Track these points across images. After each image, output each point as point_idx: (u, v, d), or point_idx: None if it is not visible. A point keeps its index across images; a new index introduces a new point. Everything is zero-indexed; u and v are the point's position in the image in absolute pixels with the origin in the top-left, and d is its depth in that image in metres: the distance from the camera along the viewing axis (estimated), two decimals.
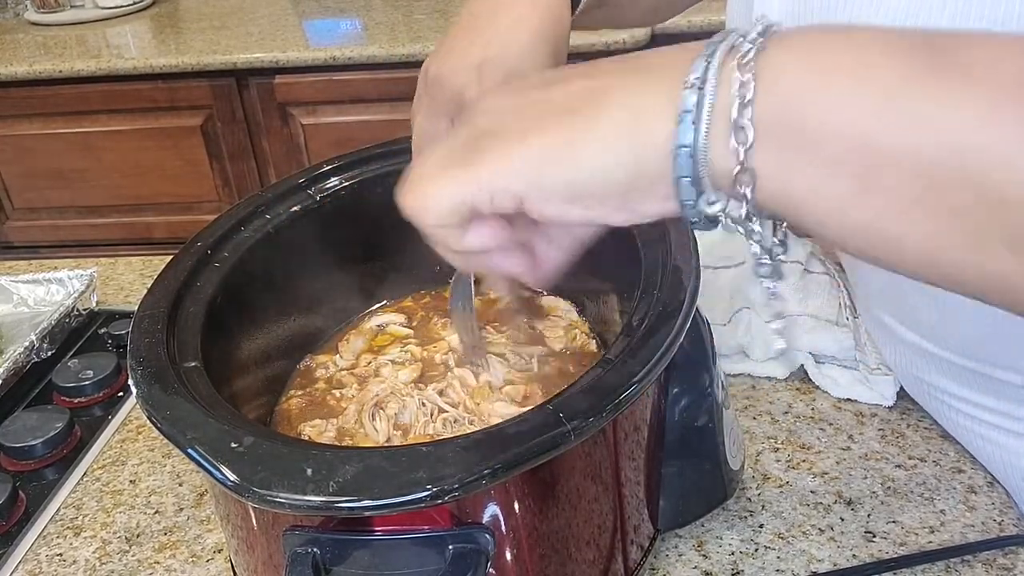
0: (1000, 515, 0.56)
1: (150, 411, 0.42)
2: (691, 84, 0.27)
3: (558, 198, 0.30)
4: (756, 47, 0.26)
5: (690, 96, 0.26)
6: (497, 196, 0.30)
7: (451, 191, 0.31)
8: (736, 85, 0.26)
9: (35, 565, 0.60)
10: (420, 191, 0.32)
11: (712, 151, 0.27)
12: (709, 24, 1.59)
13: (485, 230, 0.32)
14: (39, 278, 0.87)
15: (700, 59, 0.27)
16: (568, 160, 0.29)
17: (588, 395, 0.40)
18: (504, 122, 0.31)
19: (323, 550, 0.40)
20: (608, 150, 0.28)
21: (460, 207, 0.31)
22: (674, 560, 0.55)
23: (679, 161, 0.27)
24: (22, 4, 2.15)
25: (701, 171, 0.27)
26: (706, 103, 0.26)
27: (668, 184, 0.28)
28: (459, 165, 0.31)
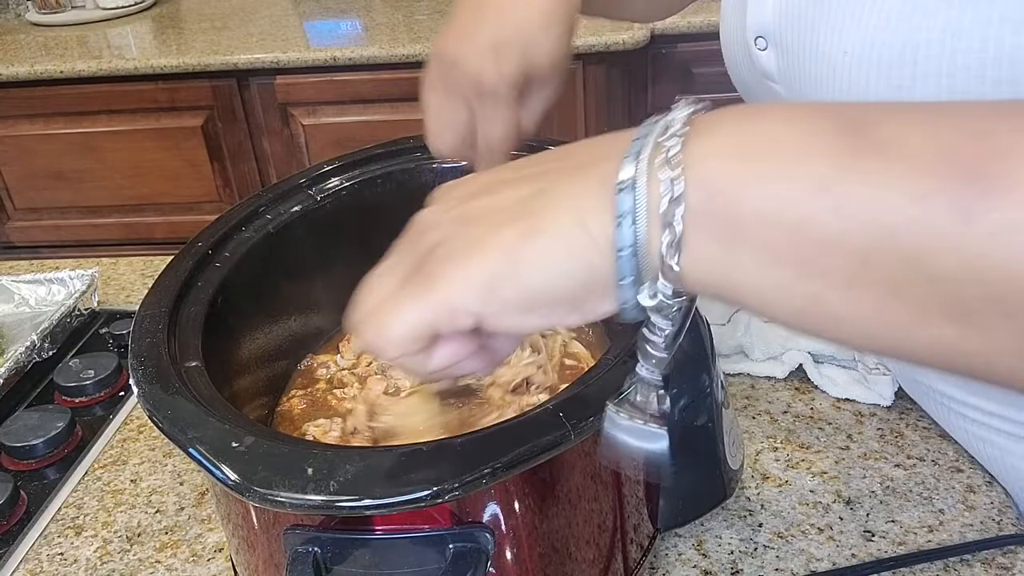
0: (999, 514, 0.57)
1: (151, 410, 0.42)
2: (622, 186, 0.27)
3: (513, 312, 0.30)
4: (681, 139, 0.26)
5: (624, 199, 0.27)
6: (455, 318, 0.30)
7: (408, 320, 0.31)
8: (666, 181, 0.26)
9: (36, 564, 0.60)
10: (377, 323, 0.32)
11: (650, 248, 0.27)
12: (709, 24, 1.59)
13: (451, 349, 0.32)
14: (40, 278, 0.87)
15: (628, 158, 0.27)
16: (518, 274, 0.29)
17: (588, 395, 0.40)
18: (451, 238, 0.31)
19: (324, 549, 0.41)
20: (556, 259, 0.28)
21: (420, 334, 0.31)
22: (674, 559, 0.55)
23: (621, 264, 0.27)
24: (23, 5, 2.15)
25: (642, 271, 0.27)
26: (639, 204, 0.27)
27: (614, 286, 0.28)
28: (412, 292, 0.31)
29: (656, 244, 0.27)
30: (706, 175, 0.26)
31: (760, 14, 0.53)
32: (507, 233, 0.29)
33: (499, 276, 0.29)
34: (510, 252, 0.29)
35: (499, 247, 0.29)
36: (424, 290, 0.30)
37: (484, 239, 0.29)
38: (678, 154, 0.26)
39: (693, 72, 1.70)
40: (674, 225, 0.26)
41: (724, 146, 0.26)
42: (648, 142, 0.27)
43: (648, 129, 0.28)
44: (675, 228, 0.26)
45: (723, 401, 0.53)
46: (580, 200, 0.28)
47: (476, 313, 0.30)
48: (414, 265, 0.32)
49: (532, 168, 0.32)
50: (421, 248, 0.32)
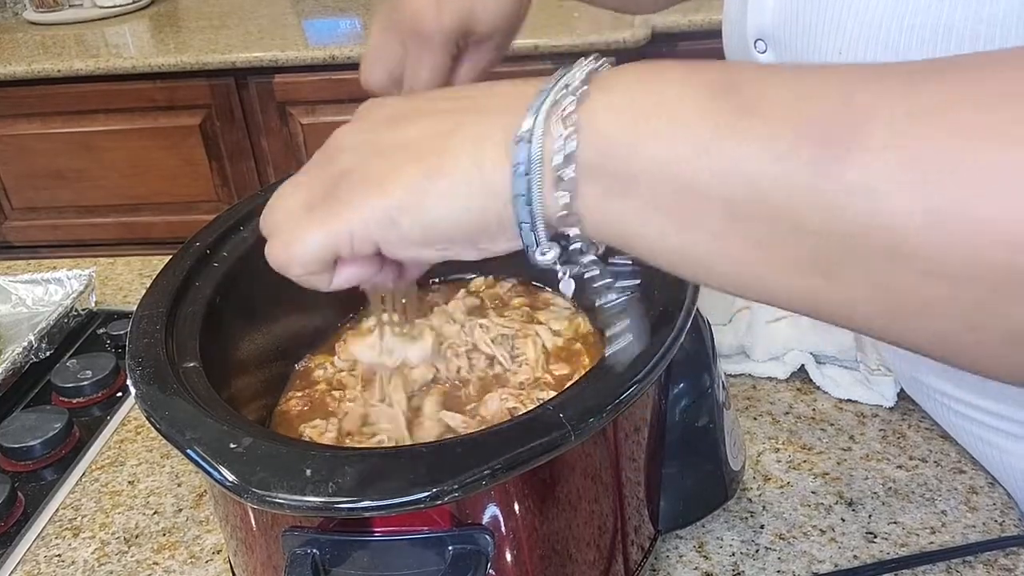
0: (1001, 515, 0.56)
1: (149, 411, 0.42)
2: (520, 138, 0.28)
3: (412, 244, 0.32)
4: (578, 97, 0.28)
5: (521, 150, 0.28)
6: (356, 244, 0.32)
7: (312, 243, 0.32)
8: (560, 138, 0.28)
9: (33, 566, 0.60)
10: (283, 242, 0.33)
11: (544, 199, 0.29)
12: (710, 23, 1.59)
13: (351, 271, 0.34)
14: (38, 278, 0.87)
15: (530, 111, 0.29)
16: (418, 210, 0.30)
17: (588, 395, 0.40)
18: (360, 167, 0.32)
19: (322, 551, 0.40)
20: (455, 199, 0.30)
21: (323, 256, 0.33)
22: (675, 561, 0.55)
23: (517, 208, 0.29)
24: (20, 3, 2.15)
25: (537, 217, 0.29)
26: (534, 155, 0.28)
27: (512, 227, 0.30)
28: (318, 217, 0.32)
29: (549, 195, 0.29)
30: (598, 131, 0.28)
31: (759, 16, 0.54)
32: (411, 170, 0.31)
33: (400, 211, 0.31)
34: (412, 189, 0.30)
35: (402, 183, 0.31)
36: (329, 216, 0.32)
37: (390, 173, 0.31)
38: (573, 113, 0.28)
39: None
40: (565, 179, 0.28)
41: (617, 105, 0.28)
42: (548, 96, 0.29)
43: (552, 83, 0.29)
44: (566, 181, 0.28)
45: (724, 402, 0.52)
46: (483, 145, 0.30)
47: (376, 242, 0.32)
48: (324, 187, 0.33)
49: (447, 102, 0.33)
50: (333, 171, 0.33)
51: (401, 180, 0.31)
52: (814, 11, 0.49)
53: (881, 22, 0.45)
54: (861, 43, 0.46)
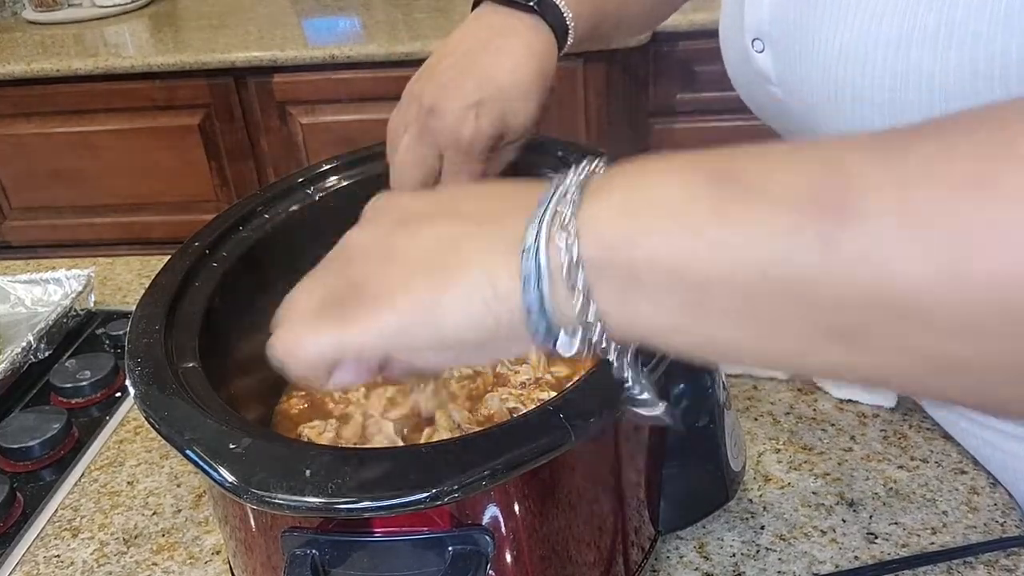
0: (1003, 516, 0.56)
1: (148, 412, 0.42)
2: (526, 251, 0.29)
3: (424, 354, 0.32)
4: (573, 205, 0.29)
5: (528, 263, 0.29)
6: (363, 355, 0.32)
7: (319, 349, 0.33)
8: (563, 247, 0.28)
9: (32, 566, 0.60)
10: (290, 341, 0.34)
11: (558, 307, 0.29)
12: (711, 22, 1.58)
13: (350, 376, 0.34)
14: (37, 278, 0.87)
15: (532, 224, 0.29)
16: (431, 324, 0.31)
17: (588, 395, 0.40)
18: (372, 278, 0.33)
19: (322, 551, 0.40)
20: (466, 313, 0.30)
21: (326, 362, 0.33)
22: (675, 562, 0.55)
23: (532, 318, 0.30)
24: (19, 3, 2.14)
25: (553, 324, 0.30)
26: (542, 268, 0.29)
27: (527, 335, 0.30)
28: (328, 325, 0.33)
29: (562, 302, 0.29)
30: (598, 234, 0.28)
31: (757, 15, 0.54)
32: (422, 285, 0.31)
33: (413, 324, 0.31)
34: (423, 304, 0.31)
35: (412, 299, 0.31)
36: (339, 326, 0.32)
37: (401, 287, 0.32)
38: (571, 220, 0.28)
39: (694, 70, 1.69)
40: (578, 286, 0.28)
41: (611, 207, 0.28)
42: (549, 207, 0.29)
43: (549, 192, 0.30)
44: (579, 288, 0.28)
45: (725, 402, 0.52)
46: (490, 257, 0.30)
47: (387, 353, 0.32)
48: (337, 293, 0.34)
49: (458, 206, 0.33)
50: (346, 277, 0.34)
51: (412, 295, 0.31)
52: (811, 10, 0.49)
53: (880, 20, 0.45)
54: (859, 42, 0.46)
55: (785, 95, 0.54)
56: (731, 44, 0.59)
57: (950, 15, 0.42)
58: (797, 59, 0.51)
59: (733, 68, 0.61)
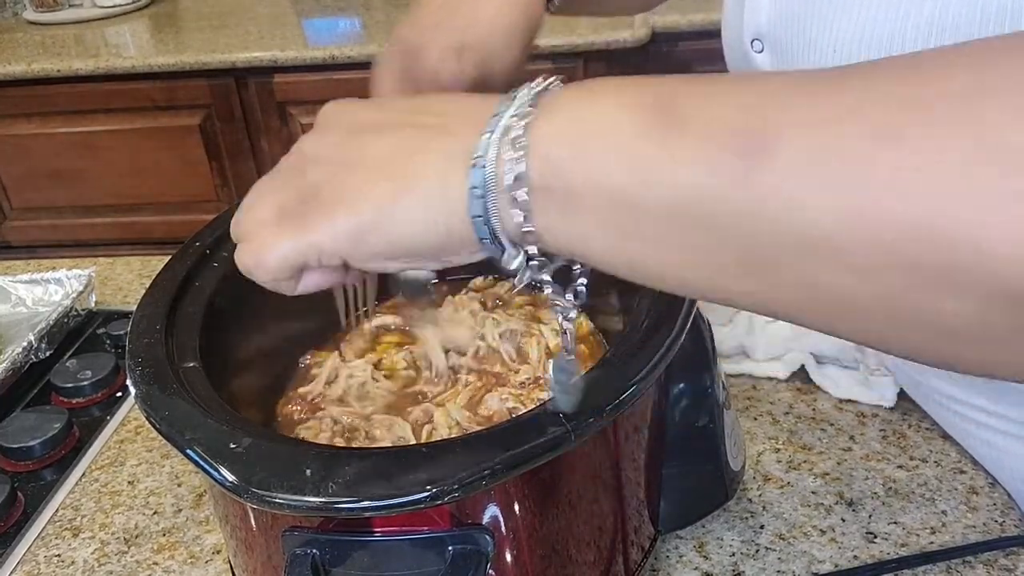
0: (1002, 516, 0.56)
1: (148, 411, 0.42)
2: (475, 162, 0.30)
3: (378, 258, 0.33)
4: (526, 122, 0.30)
5: (476, 173, 0.30)
6: (324, 257, 0.34)
7: (280, 253, 0.34)
8: (510, 162, 0.30)
9: (33, 566, 0.60)
10: (253, 251, 0.35)
11: (502, 218, 0.31)
12: (711, 22, 1.58)
13: (315, 278, 0.36)
14: (37, 278, 0.87)
15: (483, 136, 0.30)
16: (385, 227, 0.32)
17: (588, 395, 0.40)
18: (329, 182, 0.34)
19: (322, 551, 0.40)
20: (420, 217, 0.32)
21: (290, 265, 0.34)
22: (675, 561, 0.55)
23: (478, 228, 0.31)
24: (20, 3, 2.14)
25: (498, 234, 0.31)
26: (488, 179, 0.30)
27: (475, 243, 0.32)
28: (288, 230, 0.34)
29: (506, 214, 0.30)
30: (544, 153, 0.29)
31: (756, 16, 0.54)
32: (378, 188, 0.32)
33: (367, 228, 0.32)
34: (379, 207, 0.32)
35: (370, 201, 0.32)
36: (298, 230, 0.33)
37: (358, 190, 0.33)
38: (521, 136, 0.30)
39: (694, 70, 1.69)
40: (519, 200, 0.30)
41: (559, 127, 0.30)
42: (501, 121, 0.30)
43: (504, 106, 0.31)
44: (519, 202, 0.30)
45: (724, 402, 0.52)
46: (444, 166, 0.31)
47: (343, 256, 0.33)
48: (294, 198, 0.35)
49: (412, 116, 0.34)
50: (302, 182, 0.35)
51: (369, 198, 0.32)
52: (808, 10, 0.50)
53: (875, 20, 0.46)
54: (855, 41, 0.47)
55: None
56: (731, 44, 0.60)
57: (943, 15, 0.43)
58: (794, 59, 0.52)
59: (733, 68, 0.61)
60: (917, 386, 0.63)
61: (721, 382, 0.52)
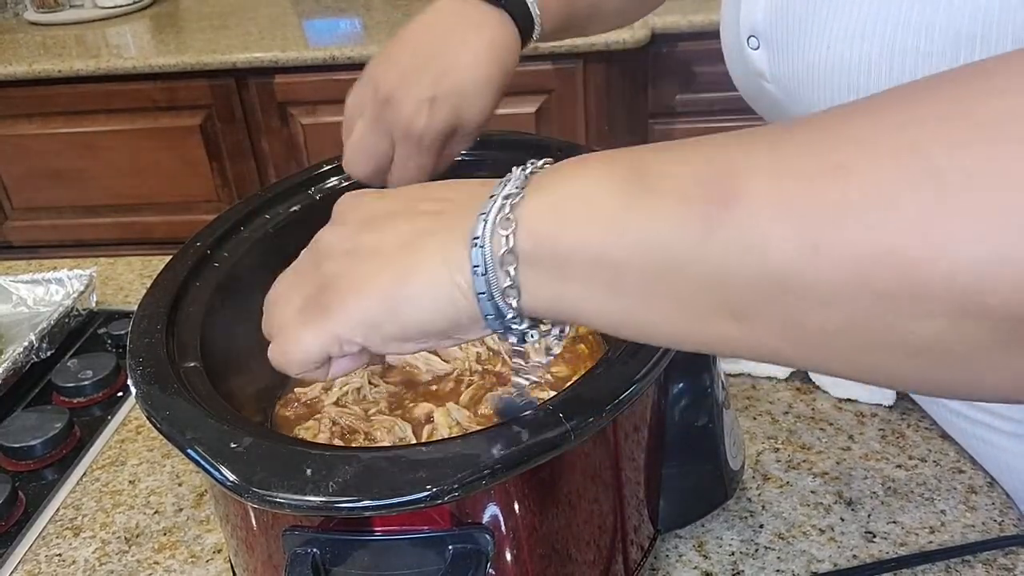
0: (1000, 515, 0.56)
1: (149, 411, 0.42)
2: (474, 243, 0.32)
3: (393, 341, 0.35)
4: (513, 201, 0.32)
5: (476, 253, 0.32)
6: (344, 345, 0.35)
7: (305, 347, 0.36)
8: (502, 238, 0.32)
9: (34, 565, 0.60)
10: (280, 346, 0.37)
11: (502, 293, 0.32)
12: (710, 23, 1.58)
13: (343, 365, 0.37)
14: (38, 278, 0.87)
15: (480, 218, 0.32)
16: (396, 316, 0.34)
17: (588, 395, 0.40)
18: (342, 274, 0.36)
19: (323, 550, 0.40)
20: (428, 300, 0.33)
21: (315, 358, 0.36)
22: (674, 560, 0.55)
23: (482, 304, 0.33)
24: (21, 4, 2.15)
25: (501, 308, 0.33)
26: (487, 257, 0.32)
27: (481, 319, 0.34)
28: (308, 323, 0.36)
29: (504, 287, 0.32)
30: (531, 227, 0.31)
31: (752, 13, 0.54)
32: (387, 277, 0.34)
33: (379, 316, 0.34)
34: (389, 296, 0.34)
35: (379, 289, 0.34)
36: (317, 323, 0.35)
37: (367, 280, 0.35)
38: (509, 214, 0.32)
39: (694, 71, 1.69)
40: (508, 271, 0.32)
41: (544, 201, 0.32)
42: (496, 202, 0.32)
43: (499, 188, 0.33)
44: (510, 273, 0.32)
45: (724, 401, 0.52)
46: (449, 250, 0.33)
47: (361, 343, 0.35)
48: (312, 291, 0.37)
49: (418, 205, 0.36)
50: (318, 276, 0.37)
51: (378, 286, 0.34)
52: (804, 7, 0.50)
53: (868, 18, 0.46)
54: (849, 39, 0.47)
55: (779, 91, 0.55)
56: (729, 41, 0.60)
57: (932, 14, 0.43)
58: (790, 56, 0.52)
59: (731, 65, 0.61)
60: None
61: (720, 382, 0.52)
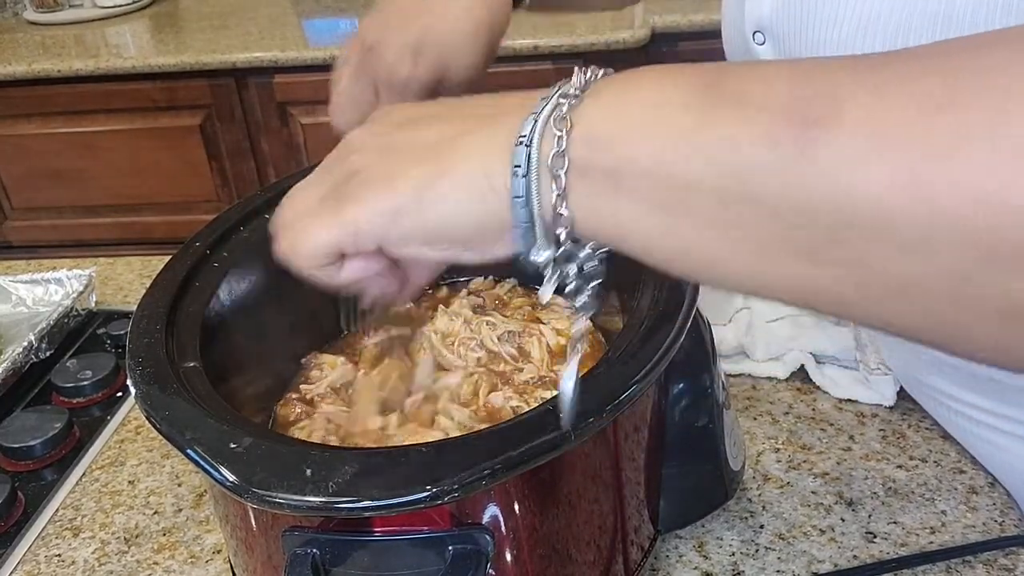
0: (1001, 516, 0.56)
1: (149, 411, 0.42)
2: (520, 141, 0.30)
3: (413, 243, 0.33)
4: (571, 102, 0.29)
5: (520, 152, 0.29)
6: (360, 240, 0.33)
7: (319, 237, 0.34)
8: (553, 139, 0.29)
9: (34, 566, 0.60)
10: (291, 237, 0.35)
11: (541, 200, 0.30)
12: (711, 23, 1.58)
13: (357, 265, 0.35)
14: (38, 278, 0.87)
15: (530, 116, 0.30)
16: (421, 211, 0.31)
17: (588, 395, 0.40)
18: (370, 166, 0.33)
19: (322, 551, 0.40)
20: (458, 200, 0.31)
21: (328, 251, 0.34)
22: (674, 561, 0.55)
23: (516, 211, 0.30)
24: (20, 3, 2.14)
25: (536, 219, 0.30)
26: (533, 158, 0.29)
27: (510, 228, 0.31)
28: (325, 213, 0.34)
29: (547, 195, 0.29)
30: (587, 132, 0.29)
31: (758, 7, 0.54)
32: (418, 170, 0.32)
33: (403, 209, 0.32)
34: (417, 188, 0.31)
35: (409, 183, 0.32)
36: (335, 212, 0.33)
37: (397, 173, 0.32)
38: (567, 114, 0.29)
39: None
40: (559, 176, 0.29)
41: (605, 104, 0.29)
42: (549, 103, 0.30)
43: (553, 90, 0.30)
44: (560, 178, 0.29)
45: (724, 402, 0.52)
46: (488, 149, 0.31)
47: (379, 238, 0.33)
48: (334, 185, 0.34)
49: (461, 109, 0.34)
50: (344, 169, 0.34)
51: (407, 179, 0.32)
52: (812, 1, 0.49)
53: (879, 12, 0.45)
54: (859, 33, 0.47)
55: None
56: (732, 37, 0.60)
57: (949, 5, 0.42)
58: (797, 51, 0.51)
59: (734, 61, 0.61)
60: (917, 385, 0.63)
61: (721, 382, 0.52)
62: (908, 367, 0.63)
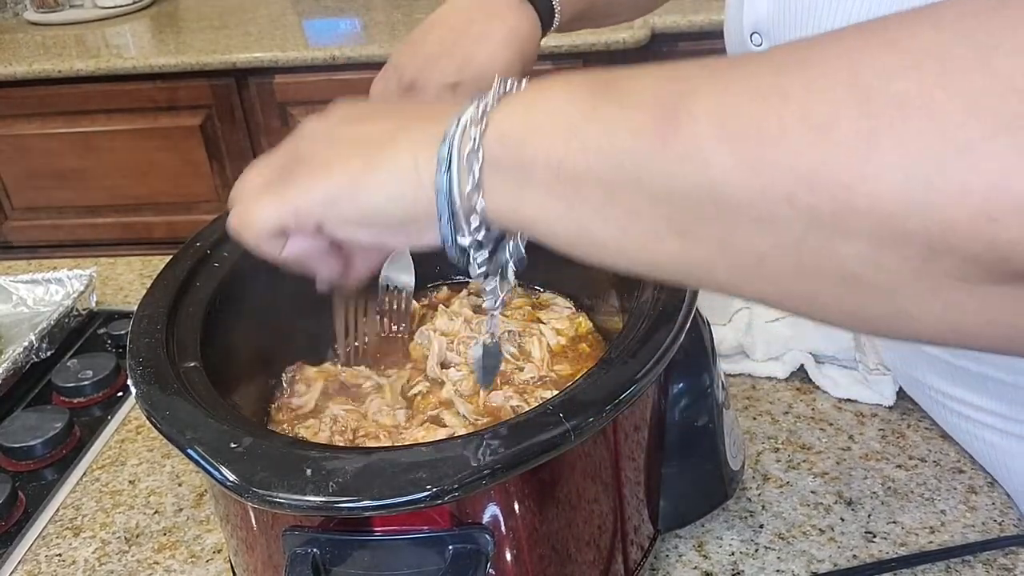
0: (1000, 515, 0.56)
1: (149, 411, 0.42)
2: (445, 139, 0.33)
3: (349, 225, 0.36)
4: (490, 104, 0.33)
5: (443, 149, 0.33)
6: (300, 220, 0.36)
7: (264, 214, 0.37)
8: (471, 139, 0.32)
9: (34, 565, 0.60)
10: (240, 212, 0.38)
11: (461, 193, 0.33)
12: (710, 23, 1.58)
13: (299, 243, 0.38)
14: (38, 278, 0.87)
15: (454, 119, 0.33)
16: (356, 197, 0.35)
17: (588, 395, 0.40)
18: (315, 151, 0.37)
19: (323, 550, 0.40)
20: (390, 190, 0.34)
21: (271, 228, 0.37)
22: (674, 560, 0.55)
23: (439, 202, 0.33)
24: (21, 3, 2.15)
25: (457, 211, 0.33)
26: (454, 154, 0.33)
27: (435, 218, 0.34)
28: (271, 192, 0.37)
29: (465, 187, 0.33)
30: (500, 132, 0.32)
31: (755, 9, 0.55)
32: (357, 161, 0.35)
33: (340, 193, 0.35)
34: (353, 176, 0.35)
35: (347, 171, 0.35)
36: (280, 192, 0.37)
37: (337, 161, 0.36)
38: (484, 116, 0.32)
39: None
40: (474, 171, 0.32)
41: (515, 108, 0.33)
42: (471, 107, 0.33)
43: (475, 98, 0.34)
44: (474, 172, 0.32)
45: (724, 401, 0.52)
46: (419, 145, 0.34)
47: (317, 218, 0.36)
48: (283, 167, 0.38)
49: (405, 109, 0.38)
50: (293, 155, 0.38)
51: (346, 167, 0.35)
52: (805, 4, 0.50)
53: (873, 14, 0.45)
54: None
55: None
56: (732, 40, 0.60)
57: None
58: None
59: None
60: (917, 385, 0.63)
61: (721, 382, 0.52)
62: (907, 367, 0.63)
